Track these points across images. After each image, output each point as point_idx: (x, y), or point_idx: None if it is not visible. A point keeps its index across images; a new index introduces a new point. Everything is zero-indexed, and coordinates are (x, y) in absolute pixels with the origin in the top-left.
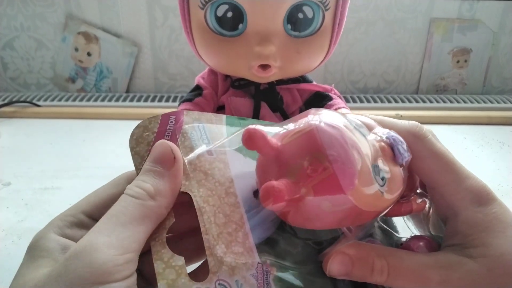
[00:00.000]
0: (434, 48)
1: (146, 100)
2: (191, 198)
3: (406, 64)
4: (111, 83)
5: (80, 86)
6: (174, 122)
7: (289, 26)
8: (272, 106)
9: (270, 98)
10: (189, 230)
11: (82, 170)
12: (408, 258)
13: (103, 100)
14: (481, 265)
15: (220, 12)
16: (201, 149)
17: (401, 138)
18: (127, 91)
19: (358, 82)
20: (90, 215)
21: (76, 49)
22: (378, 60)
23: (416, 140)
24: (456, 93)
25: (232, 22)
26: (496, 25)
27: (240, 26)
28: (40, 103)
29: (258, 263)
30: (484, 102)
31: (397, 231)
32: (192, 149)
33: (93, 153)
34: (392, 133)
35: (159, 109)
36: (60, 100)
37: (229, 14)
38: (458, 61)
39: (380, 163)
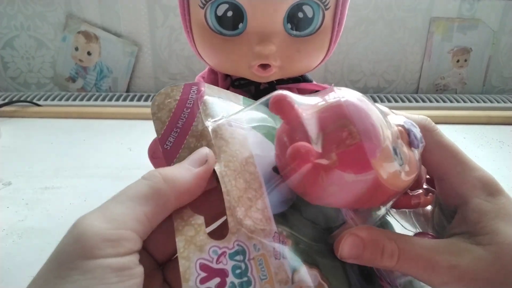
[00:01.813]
0: (434, 48)
1: (146, 100)
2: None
3: (406, 64)
4: (111, 82)
5: (80, 86)
6: (196, 92)
7: (289, 26)
8: None
9: None
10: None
11: (82, 169)
12: (417, 243)
13: (103, 99)
14: (489, 252)
15: (220, 12)
16: (221, 118)
17: (416, 125)
18: (127, 90)
19: (358, 82)
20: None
21: (76, 49)
22: (378, 59)
23: (425, 133)
24: (456, 92)
25: (232, 21)
26: (496, 24)
27: (240, 25)
28: (40, 102)
29: (275, 232)
30: (484, 101)
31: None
32: (213, 118)
33: (93, 152)
34: (407, 119)
35: None
36: (60, 99)
37: (229, 14)
38: (458, 61)
39: (399, 144)
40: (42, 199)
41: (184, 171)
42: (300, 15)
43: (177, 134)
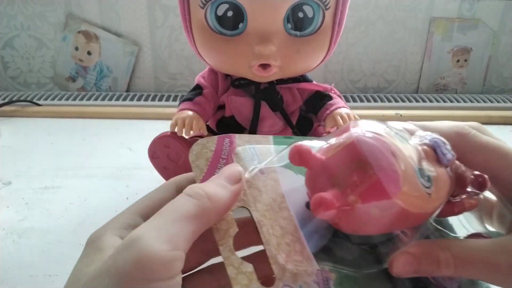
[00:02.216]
0: (434, 48)
1: (146, 100)
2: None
3: (406, 64)
4: (112, 82)
5: (80, 85)
6: (228, 144)
7: (289, 26)
8: (272, 105)
9: (270, 97)
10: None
11: (82, 169)
12: (473, 246)
13: (103, 99)
14: None
15: (220, 11)
16: (253, 168)
17: (443, 139)
18: (127, 90)
19: (358, 82)
20: (146, 218)
21: (77, 48)
22: (378, 59)
23: (461, 137)
24: (456, 92)
25: (232, 21)
26: (496, 24)
27: (241, 25)
28: (40, 102)
29: (318, 270)
30: (484, 101)
31: (453, 231)
32: (246, 169)
33: (93, 152)
34: (434, 135)
35: (159, 108)
36: (60, 99)
37: (230, 13)
38: (458, 61)
39: (425, 165)
40: (42, 199)
41: (223, 190)
42: (300, 15)
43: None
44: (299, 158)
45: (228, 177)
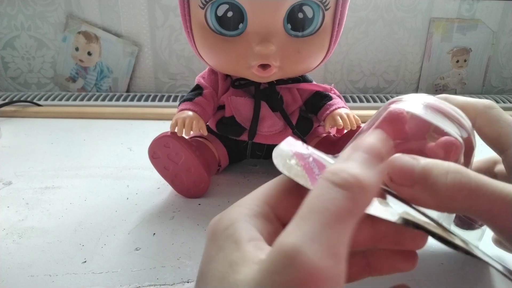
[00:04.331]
0: (433, 48)
1: (146, 100)
2: None
3: (405, 64)
4: (112, 82)
5: (80, 86)
6: (305, 145)
7: (289, 26)
8: (272, 105)
9: (270, 97)
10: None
11: (82, 169)
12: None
13: (103, 99)
14: None
15: (220, 12)
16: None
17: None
18: (128, 90)
19: (358, 82)
20: (273, 208)
21: (77, 49)
22: (378, 59)
23: (485, 109)
24: (456, 92)
25: (232, 21)
26: (495, 24)
27: (241, 25)
28: (40, 102)
29: None
30: None
31: None
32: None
33: (93, 152)
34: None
35: (160, 108)
36: (60, 99)
37: (230, 14)
38: (457, 61)
39: None
40: (42, 199)
41: (371, 170)
42: (300, 15)
43: (318, 168)
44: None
45: (370, 151)
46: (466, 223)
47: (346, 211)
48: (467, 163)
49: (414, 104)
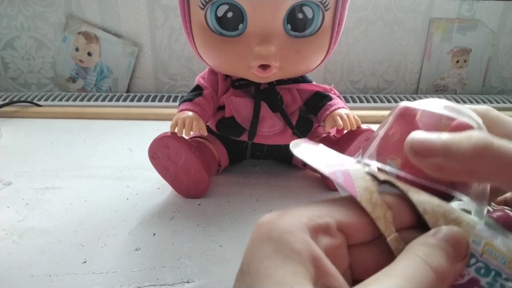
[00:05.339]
0: (433, 48)
1: (146, 100)
2: None
3: (405, 64)
4: (112, 83)
5: (80, 86)
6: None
7: (289, 26)
8: (272, 106)
9: (270, 98)
10: None
11: (82, 169)
12: None
13: (103, 100)
14: None
15: (220, 12)
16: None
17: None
18: (128, 91)
19: (358, 82)
20: (340, 226)
21: (77, 49)
22: (378, 60)
23: (486, 112)
24: (456, 93)
25: (232, 22)
26: (495, 25)
27: (240, 26)
28: (40, 103)
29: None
30: (484, 102)
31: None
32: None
33: (93, 152)
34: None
35: (160, 109)
36: (60, 100)
37: (229, 14)
38: (457, 61)
39: None
40: (42, 199)
41: (452, 266)
42: (300, 16)
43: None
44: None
45: (455, 246)
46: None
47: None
48: None
49: (425, 103)
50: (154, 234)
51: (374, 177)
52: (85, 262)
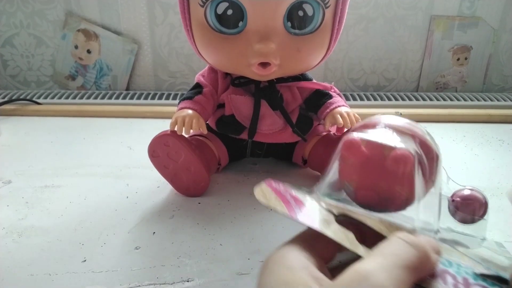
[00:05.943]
0: (434, 46)
1: (146, 98)
2: None
3: (406, 62)
4: (111, 80)
5: (80, 84)
6: (278, 184)
7: (289, 24)
8: (272, 104)
9: (270, 96)
10: None
11: (82, 168)
12: None
13: (103, 97)
14: None
15: (220, 10)
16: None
17: None
18: (127, 88)
19: (358, 80)
20: (311, 246)
21: (76, 47)
22: (378, 57)
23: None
24: (456, 91)
25: (232, 19)
26: (496, 22)
27: (240, 24)
28: (40, 100)
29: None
30: (484, 100)
31: None
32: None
33: (93, 151)
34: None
35: (159, 106)
36: (60, 97)
37: (229, 12)
38: (458, 59)
39: None
40: (42, 198)
41: (432, 253)
42: (300, 13)
43: (295, 201)
44: (351, 148)
45: (433, 245)
46: (467, 218)
47: (413, 265)
48: (431, 166)
49: (371, 132)
50: (154, 232)
51: (329, 210)
52: (85, 260)
